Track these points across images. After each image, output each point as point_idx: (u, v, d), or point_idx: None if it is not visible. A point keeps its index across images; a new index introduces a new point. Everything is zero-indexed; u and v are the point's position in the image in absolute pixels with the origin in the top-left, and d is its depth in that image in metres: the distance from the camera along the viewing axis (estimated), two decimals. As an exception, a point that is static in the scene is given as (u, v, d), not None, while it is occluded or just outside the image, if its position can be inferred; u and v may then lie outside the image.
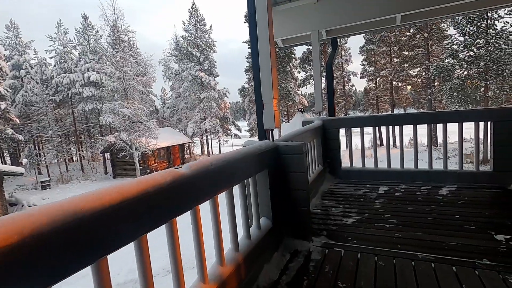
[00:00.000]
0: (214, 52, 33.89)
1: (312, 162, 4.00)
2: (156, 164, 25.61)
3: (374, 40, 31.87)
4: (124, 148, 22.43)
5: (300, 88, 37.48)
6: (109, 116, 22.49)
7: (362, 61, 36.97)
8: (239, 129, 38.99)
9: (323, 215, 3.24)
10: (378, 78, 35.33)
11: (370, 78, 36.43)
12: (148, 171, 24.48)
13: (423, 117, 4.17)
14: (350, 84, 37.69)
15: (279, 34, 5.09)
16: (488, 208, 3.06)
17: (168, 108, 37.56)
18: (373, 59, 34.65)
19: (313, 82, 35.53)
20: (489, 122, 3.78)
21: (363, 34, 34.15)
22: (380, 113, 32.02)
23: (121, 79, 22.17)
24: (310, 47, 33.74)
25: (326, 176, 4.57)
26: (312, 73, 37.06)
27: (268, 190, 2.37)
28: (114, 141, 22.36)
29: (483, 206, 3.12)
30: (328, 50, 30.27)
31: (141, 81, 23.93)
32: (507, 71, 16.42)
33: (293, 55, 32.09)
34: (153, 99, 36.58)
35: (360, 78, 37.52)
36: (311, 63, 32.87)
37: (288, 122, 34.15)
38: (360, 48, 35.38)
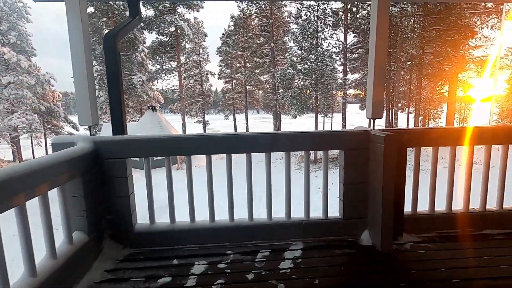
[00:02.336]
0: (27, 21, 24.87)
1: (46, 240, 1.74)
2: None
3: (229, 42, 32.51)
4: None
5: (156, 83, 33.71)
6: None
7: (219, 62, 37.25)
8: (74, 127, 31.02)
9: None
10: (234, 81, 36.57)
11: (227, 80, 37.26)
12: None
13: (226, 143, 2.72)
14: (208, 83, 37.15)
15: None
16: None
17: None
18: (230, 61, 35.51)
19: (165, 76, 32.43)
20: (339, 151, 2.71)
21: (220, 36, 34.25)
22: (205, 133, 32.94)
23: None
24: (161, 37, 30.38)
25: (102, 248, 2.41)
26: (165, 66, 33.73)
27: None
28: None
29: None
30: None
31: None
32: (330, 85, 19.64)
33: (138, 42, 27.80)
34: None
35: (218, 78, 37.78)
36: (164, 55, 29.71)
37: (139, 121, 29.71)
38: (217, 48, 35.50)
